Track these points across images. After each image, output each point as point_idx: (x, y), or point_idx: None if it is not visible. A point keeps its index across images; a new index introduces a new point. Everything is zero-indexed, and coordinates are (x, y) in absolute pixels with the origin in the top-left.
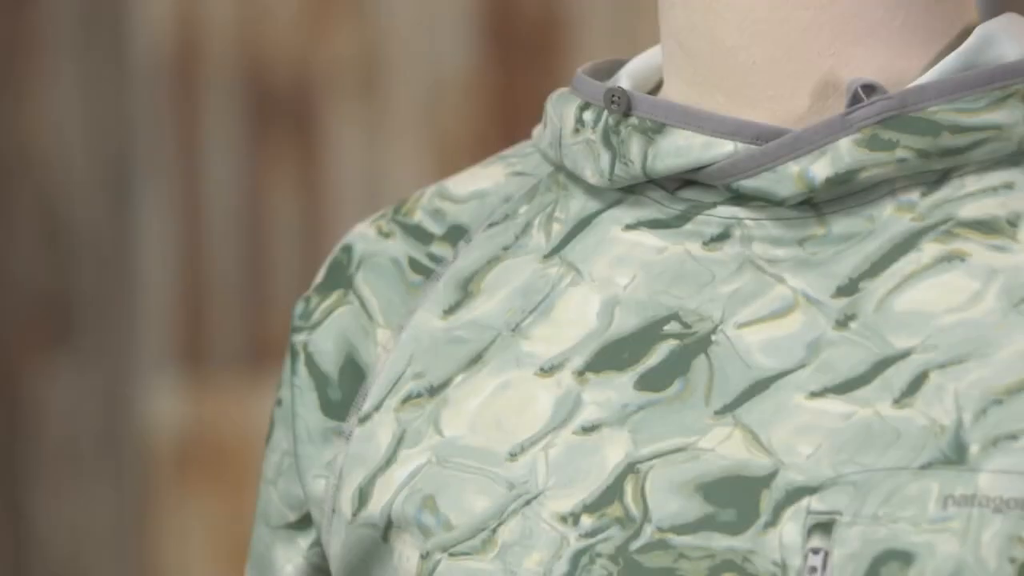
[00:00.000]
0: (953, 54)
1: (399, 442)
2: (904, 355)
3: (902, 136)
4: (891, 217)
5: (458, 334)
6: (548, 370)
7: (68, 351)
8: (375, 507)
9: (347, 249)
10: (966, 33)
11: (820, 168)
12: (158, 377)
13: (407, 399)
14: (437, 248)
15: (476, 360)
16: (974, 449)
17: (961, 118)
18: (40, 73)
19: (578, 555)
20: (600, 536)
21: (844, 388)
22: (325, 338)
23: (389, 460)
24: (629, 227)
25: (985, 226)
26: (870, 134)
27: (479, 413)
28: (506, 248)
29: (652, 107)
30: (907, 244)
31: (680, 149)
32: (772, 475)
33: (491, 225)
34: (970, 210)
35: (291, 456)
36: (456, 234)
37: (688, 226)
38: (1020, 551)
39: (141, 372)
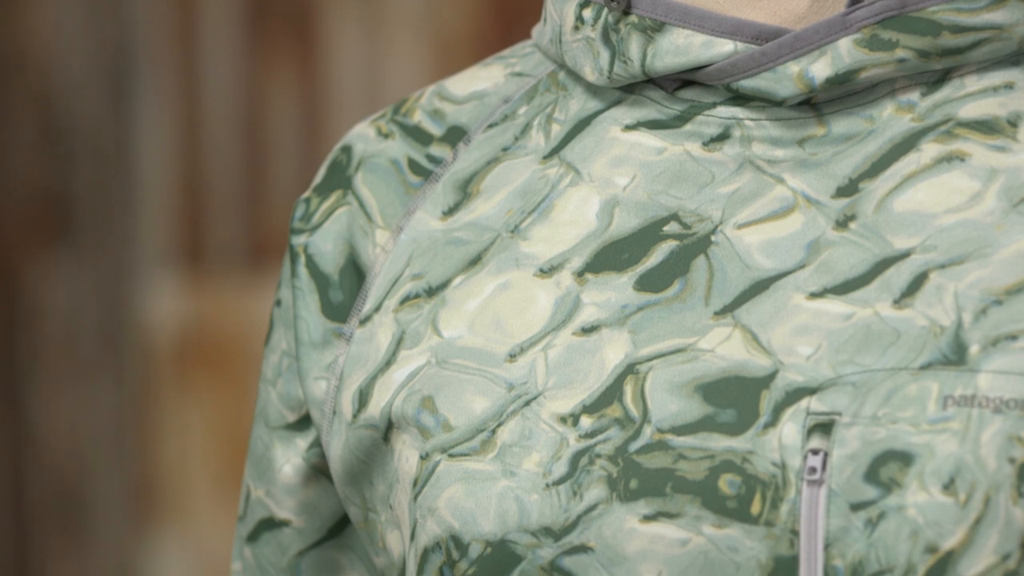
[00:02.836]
0: None
1: (399, 343)
2: (904, 255)
3: (902, 36)
4: (891, 117)
5: (457, 235)
6: (547, 271)
7: (68, 249)
8: (375, 408)
9: (346, 149)
10: None
11: (820, 68)
12: (158, 275)
13: (405, 300)
14: (436, 149)
15: (475, 261)
16: (974, 349)
17: (961, 18)
18: None
19: (578, 456)
20: (600, 437)
21: (844, 288)
22: (325, 239)
23: (389, 361)
24: (628, 127)
25: (985, 126)
26: (870, 34)
27: (478, 314)
28: (505, 149)
29: (652, 5)
30: (907, 144)
31: (679, 48)
32: (772, 376)
33: (490, 126)
34: (970, 110)
35: (290, 356)
36: (455, 135)
37: (687, 127)
38: (1019, 451)
39: (140, 270)
